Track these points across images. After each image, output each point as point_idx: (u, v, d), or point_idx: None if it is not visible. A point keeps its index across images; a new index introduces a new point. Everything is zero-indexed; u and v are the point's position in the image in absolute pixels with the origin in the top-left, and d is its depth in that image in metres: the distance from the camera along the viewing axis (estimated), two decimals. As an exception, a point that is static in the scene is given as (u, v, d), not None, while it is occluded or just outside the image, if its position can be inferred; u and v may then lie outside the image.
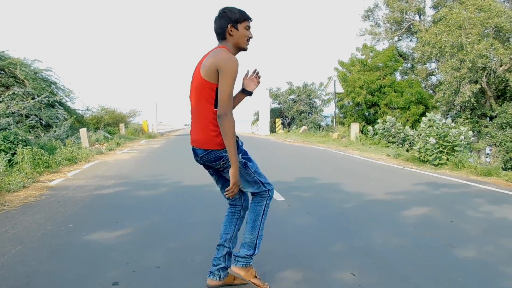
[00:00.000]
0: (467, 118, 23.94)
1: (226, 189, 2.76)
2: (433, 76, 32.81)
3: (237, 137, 2.77)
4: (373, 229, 4.72)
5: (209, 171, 3.05)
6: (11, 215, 5.38)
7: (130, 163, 11.49)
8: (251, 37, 2.86)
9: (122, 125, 25.68)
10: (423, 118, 11.54)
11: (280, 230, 4.62)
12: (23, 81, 15.38)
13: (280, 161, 12.50)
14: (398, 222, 5.05)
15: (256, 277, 2.97)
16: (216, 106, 2.70)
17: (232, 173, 2.69)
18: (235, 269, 2.93)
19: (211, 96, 2.71)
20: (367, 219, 5.20)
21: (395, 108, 26.55)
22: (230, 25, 2.79)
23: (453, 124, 11.03)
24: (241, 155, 2.88)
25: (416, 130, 13.95)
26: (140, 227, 4.79)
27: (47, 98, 15.23)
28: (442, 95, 24.62)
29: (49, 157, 9.66)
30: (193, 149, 2.88)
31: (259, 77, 3.09)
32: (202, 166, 2.99)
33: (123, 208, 5.89)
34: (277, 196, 6.57)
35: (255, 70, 3.12)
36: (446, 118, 25.74)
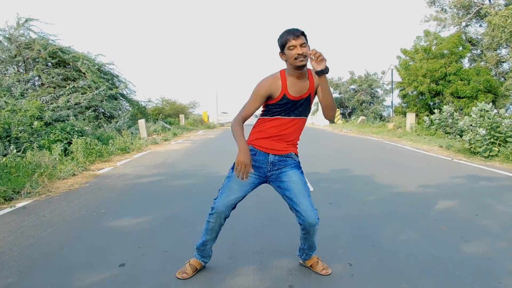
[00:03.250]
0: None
1: None
2: (504, 63, 30.98)
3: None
4: (388, 222, 4.69)
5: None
6: (54, 200, 5.85)
7: (179, 153, 11.94)
8: (300, 54, 2.79)
9: (182, 116, 26.51)
10: (473, 108, 11.02)
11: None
12: (84, 74, 16.30)
13: (325, 152, 12.46)
14: (417, 215, 4.96)
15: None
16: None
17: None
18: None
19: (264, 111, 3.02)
20: (386, 212, 5.15)
21: (462, 97, 25.34)
22: (280, 52, 2.91)
23: (506, 114, 10.44)
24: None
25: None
26: (163, 214, 5.05)
27: (105, 91, 16.04)
28: (512, 82, 23.23)
29: (102, 147, 10.26)
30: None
31: (319, 57, 2.79)
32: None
33: (154, 196, 6.20)
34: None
35: (314, 52, 2.81)
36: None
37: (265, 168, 2.99)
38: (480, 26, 32.87)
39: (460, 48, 27.31)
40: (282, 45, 2.84)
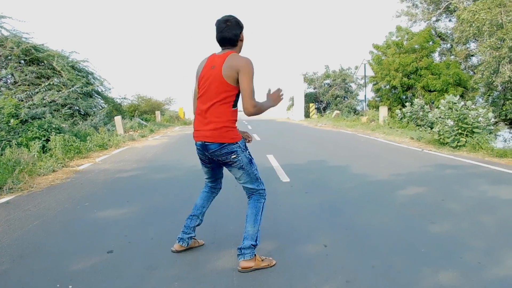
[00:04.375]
0: (507, 99, 23.21)
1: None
2: (473, 57, 31.85)
3: (243, 137, 3.21)
4: (361, 207, 4.98)
5: (205, 165, 3.40)
6: (37, 195, 5.95)
7: (157, 148, 12.06)
8: None
9: (158, 113, 26.51)
10: (441, 100, 11.47)
11: (274, 208, 4.93)
12: (59, 72, 16.20)
13: (301, 145, 12.74)
14: (388, 201, 5.27)
15: (262, 260, 3.23)
16: (234, 106, 3.11)
17: (275, 100, 3.29)
18: (245, 263, 3.13)
19: (231, 97, 3.07)
20: (360, 198, 5.45)
21: (432, 91, 26.01)
22: (241, 32, 3.17)
23: (473, 106, 10.91)
24: (248, 152, 3.23)
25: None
26: (146, 206, 5.23)
27: (81, 88, 15.99)
28: (481, 76, 23.92)
29: (80, 144, 10.32)
30: (203, 145, 3.15)
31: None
32: (201, 160, 3.34)
33: (136, 189, 6.37)
34: (283, 177, 6.91)
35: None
36: (487, 100, 25.28)
37: None
38: (450, 21, 33.67)
39: (431, 43, 28.01)
40: (243, 28, 3.20)
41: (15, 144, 8.93)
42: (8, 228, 4.33)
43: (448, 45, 33.35)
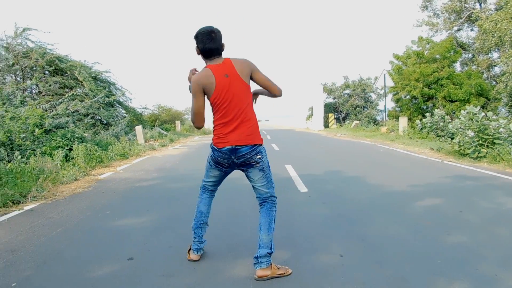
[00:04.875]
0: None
1: None
2: (495, 67, 31.42)
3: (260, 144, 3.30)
4: (378, 218, 4.99)
5: (221, 169, 3.52)
6: (60, 203, 6.11)
7: (176, 158, 12.23)
8: None
9: (178, 122, 26.81)
10: (462, 111, 11.37)
11: (291, 218, 4.98)
12: (82, 82, 16.58)
13: (319, 155, 12.75)
14: (405, 212, 5.27)
15: (278, 268, 3.29)
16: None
17: None
18: (262, 272, 3.19)
19: (251, 98, 3.32)
20: (376, 209, 5.45)
21: (454, 101, 25.71)
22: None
23: (494, 117, 10.80)
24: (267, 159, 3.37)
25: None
26: (165, 214, 5.34)
27: (103, 98, 16.32)
28: (504, 86, 23.62)
29: (102, 153, 10.54)
30: (233, 149, 3.22)
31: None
32: (220, 165, 3.46)
33: (156, 198, 6.49)
34: (301, 187, 6.97)
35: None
36: (510, 110, 24.88)
37: None
38: (472, 30, 33.34)
39: (452, 52, 27.74)
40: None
41: (39, 153, 9.17)
42: (32, 235, 4.48)
43: (470, 54, 32.99)
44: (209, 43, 3.18)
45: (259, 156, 3.24)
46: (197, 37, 3.22)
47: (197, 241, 3.61)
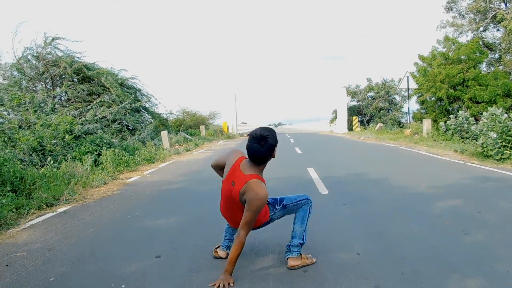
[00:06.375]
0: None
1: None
2: (523, 67, 30.81)
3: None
4: (396, 218, 5.11)
5: None
6: (91, 205, 6.41)
7: (201, 162, 12.51)
8: None
9: (202, 127, 27.18)
10: (484, 112, 11.31)
11: (311, 218, 5.12)
12: (108, 89, 17.07)
13: (342, 157, 12.87)
14: (424, 212, 5.36)
15: (307, 258, 3.60)
16: None
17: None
18: (293, 262, 3.51)
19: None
20: (396, 210, 5.56)
21: (480, 102, 25.36)
22: (275, 148, 3.32)
23: (517, 118, 10.73)
24: (278, 206, 3.62)
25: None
26: (190, 215, 5.57)
27: (129, 104, 16.76)
28: (530, 86, 23.20)
29: (129, 158, 10.88)
30: None
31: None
32: None
33: (181, 200, 6.75)
34: (322, 189, 7.11)
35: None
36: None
37: None
38: (498, 30, 32.82)
39: (478, 53, 27.34)
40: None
41: (70, 158, 9.55)
42: (66, 235, 4.76)
43: (496, 55, 32.47)
44: (255, 150, 3.26)
45: None
46: (249, 140, 3.29)
47: (228, 238, 3.85)
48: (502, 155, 9.82)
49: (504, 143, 9.99)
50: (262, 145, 3.20)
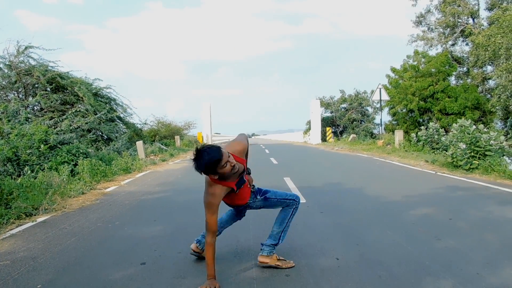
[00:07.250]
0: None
1: None
2: (490, 80, 31.92)
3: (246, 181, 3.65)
4: (373, 226, 5.31)
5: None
6: (70, 215, 6.42)
7: (178, 172, 12.56)
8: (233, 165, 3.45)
9: (177, 137, 27.15)
10: (454, 124, 11.76)
11: (290, 226, 5.28)
12: (82, 98, 16.95)
13: (318, 168, 13.12)
14: (399, 220, 5.58)
15: (278, 259, 3.78)
16: None
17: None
18: (262, 258, 3.77)
19: None
20: (372, 218, 5.78)
21: (450, 114, 26.14)
22: (214, 169, 3.44)
23: (485, 130, 11.18)
24: (260, 196, 3.80)
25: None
26: (172, 224, 5.65)
27: (105, 114, 16.68)
28: (497, 99, 24.06)
29: (106, 168, 10.86)
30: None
31: None
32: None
33: (162, 209, 6.82)
34: (300, 199, 7.24)
35: None
36: (506, 123, 25.28)
37: None
38: (467, 44, 33.90)
39: (447, 66, 28.21)
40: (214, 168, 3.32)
41: (47, 168, 9.49)
42: (49, 244, 4.78)
43: (465, 68, 33.55)
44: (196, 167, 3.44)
45: None
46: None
47: (202, 234, 4.02)
48: (471, 165, 10.21)
49: (472, 154, 10.39)
50: (196, 163, 3.32)
